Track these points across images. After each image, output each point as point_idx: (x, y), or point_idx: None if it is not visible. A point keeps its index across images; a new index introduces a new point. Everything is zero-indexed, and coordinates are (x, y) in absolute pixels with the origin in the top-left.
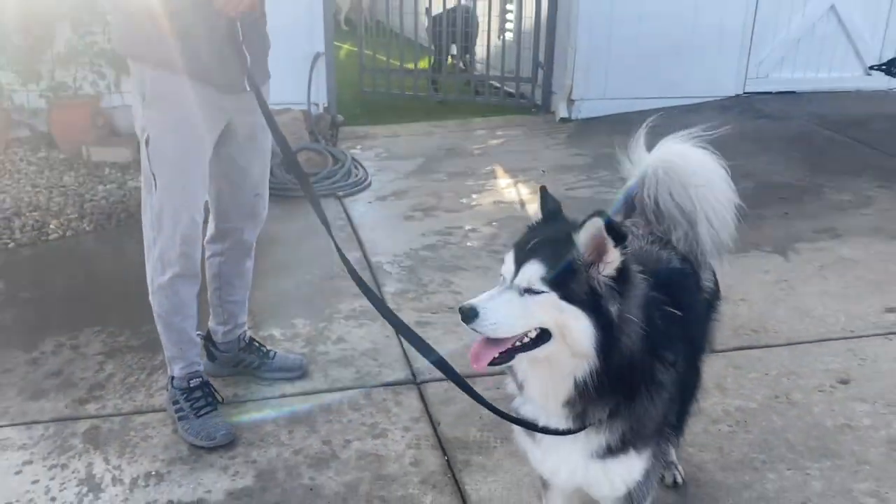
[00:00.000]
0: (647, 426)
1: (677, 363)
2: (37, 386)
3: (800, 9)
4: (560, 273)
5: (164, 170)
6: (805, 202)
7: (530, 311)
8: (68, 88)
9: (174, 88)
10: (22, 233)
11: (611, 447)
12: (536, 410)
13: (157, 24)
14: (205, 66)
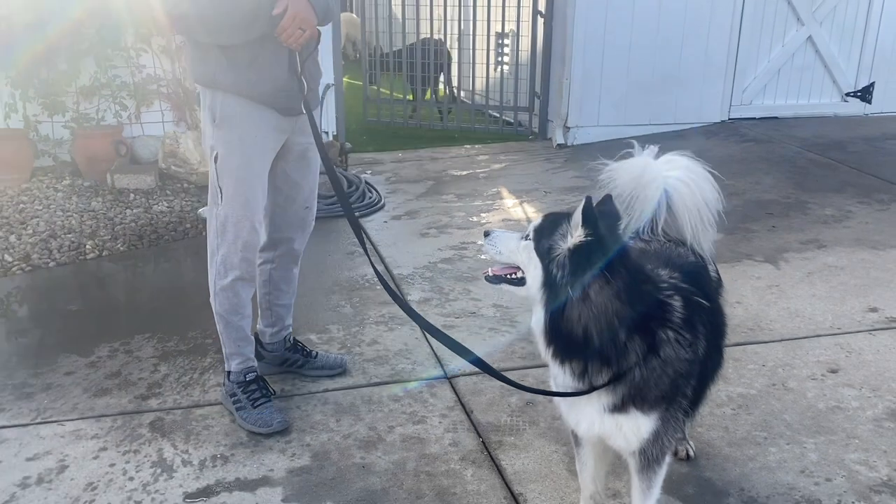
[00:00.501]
0: (649, 392)
1: (695, 342)
2: (99, 385)
3: (779, 40)
4: (540, 230)
5: (230, 183)
6: (791, 217)
7: (517, 250)
8: (91, 119)
9: (242, 111)
10: (60, 253)
11: (615, 405)
12: (557, 374)
13: (228, 55)
14: (269, 92)
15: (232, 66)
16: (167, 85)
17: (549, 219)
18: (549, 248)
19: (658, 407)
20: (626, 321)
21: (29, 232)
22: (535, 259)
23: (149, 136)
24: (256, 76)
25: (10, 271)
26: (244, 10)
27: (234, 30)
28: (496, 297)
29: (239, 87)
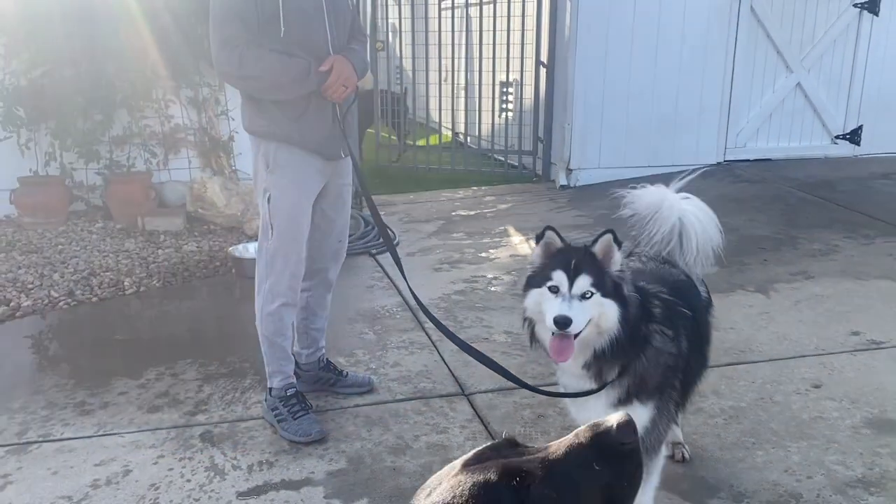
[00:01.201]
0: (648, 383)
1: (678, 339)
2: (151, 403)
3: (770, 86)
4: (598, 279)
5: (280, 221)
6: (782, 251)
7: (588, 309)
8: (123, 166)
9: (293, 158)
10: (101, 289)
11: (621, 399)
12: (569, 379)
13: (282, 109)
14: (316, 140)
15: (285, 119)
16: (194, 134)
17: (582, 269)
18: (607, 283)
19: (654, 397)
20: (636, 326)
21: (70, 270)
22: (608, 301)
23: (176, 181)
24: (306, 127)
25: (57, 306)
26: (298, 70)
27: (290, 87)
28: (507, 324)
29: (291, 137)
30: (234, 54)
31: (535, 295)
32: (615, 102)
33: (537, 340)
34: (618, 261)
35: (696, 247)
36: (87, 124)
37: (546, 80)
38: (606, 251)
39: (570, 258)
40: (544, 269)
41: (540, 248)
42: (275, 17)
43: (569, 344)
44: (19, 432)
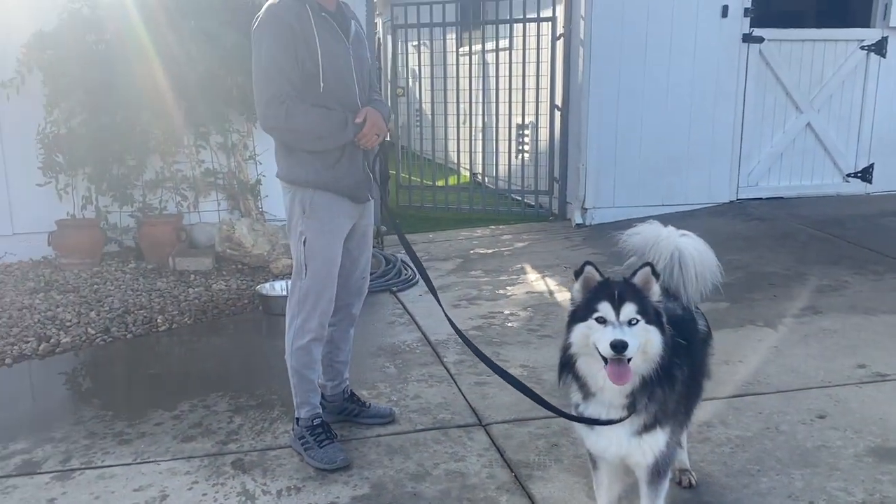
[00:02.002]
0: (668, 408)
1: (685, 368)
2: (185, 433)
3: (780, 126)
4: (642, 307)
5: (314, 262)
6: (791, 287)
7: (637, 335)
8: (155, 209)
9: (327, 204)
10: (135, 326)
11: (646, 425)
12: (598, 408)
13: (318, 158)
14: (349, 185)
15: (322, 167)
16: (223, 177)
17: (627, 298)
18: (650, 312)
19: (670, 422)
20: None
21: (106, 308)
22: (652, 328)
23: (205, 222)
24: (340, 174)
25: (94, 342)
26: (338, 122)
27: (330, 138)
28: (523, 358)
29: (326, 183)
30: (282, 109)
31: (581, 329)
32: (628, 143)
33: (575, 375)
34: (656, 292)
35: (694, 274)
36: (122, 169)
37: (561, 122)
38: (646, 282)
39: (612, 289)
40: (588, 303)
41: (580, 284)
42: (315, 74)
43: (626, 368)
44: (63, 460)
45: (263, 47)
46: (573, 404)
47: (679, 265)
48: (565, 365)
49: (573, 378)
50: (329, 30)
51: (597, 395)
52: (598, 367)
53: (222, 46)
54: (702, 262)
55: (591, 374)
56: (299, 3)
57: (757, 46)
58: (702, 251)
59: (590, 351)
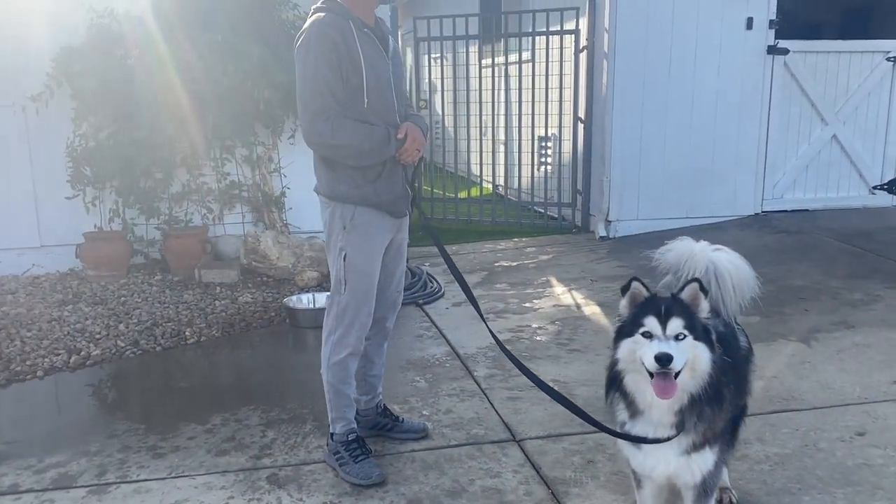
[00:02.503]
0: (717, 427)
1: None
2: (218, 447)
3: (805, 139)
4: (689, 322)
5: (354, 277)
6: (822, 301)
7: (683, 350)
8: (181, 221)
9: (368, 219)
10: (164, 339)
11: (695, 444)
12: (646, 427)
13: (361, 174)
14: (390, 201)
15: (364, 182)
16: (248, 190)
17: (674, 313)
18: (698, 327)
19: (719, 441)
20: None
21: (134, 321)
22: (700, 344)
23: (230, 235)
24: (381, 189)
25: (124, 355)
26: (381, 137)
27: (374, 153)
28: (553, 373)
29: (367, 199)
30: (328, 125)
31: (628, 344)
32: (652, 155)
33: (622, 393)
34: (705, 308)
35: (732, 288)
36: (149, 182)
37: (584, 134)
38: (693, 298)
39: (659, 304)
40: (635, 318)
41: (627, 300)
42: (359, 89)
43: (672, 382)
44: (98, 474)
45: (309, 63)
46: (619, 423)
47: (716, 279)
48: (612, 382)
49: (620, 395)
50: (371, 45)
51: (645, 412)
52: (646, 384)
53: (248, 60)
54: (739, 276)
55: (640, 391)
56: (343, 19)
57: (782, 58)
58: (738, 264)
59: (637, 367)
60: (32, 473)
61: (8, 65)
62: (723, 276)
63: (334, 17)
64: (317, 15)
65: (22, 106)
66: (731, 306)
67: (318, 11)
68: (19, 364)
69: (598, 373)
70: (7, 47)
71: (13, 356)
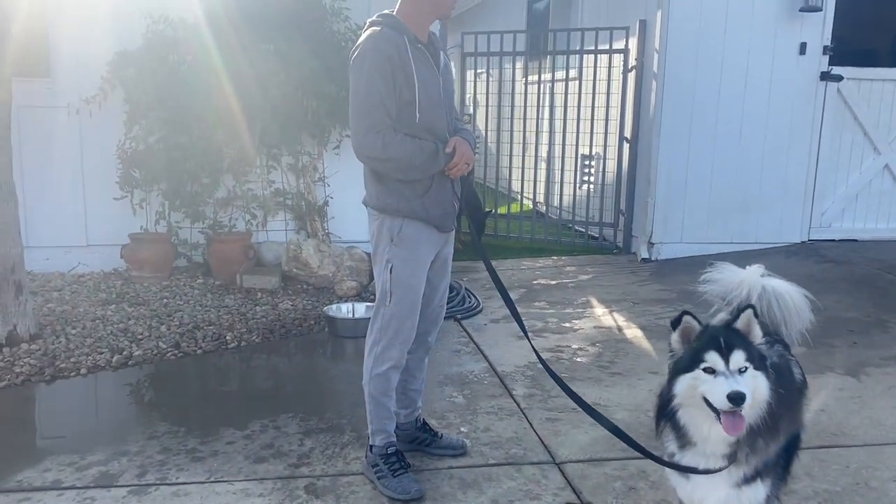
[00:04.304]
0: (769, 460)
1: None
2: (257, 454)
3: (856, 167)
4: (749, 353)
5: (400, 289)
6: (871, 334)
7: (748, 384)
8: (225, 226)
9: (415, 232)
10: (205, 342)
11: (747, 477)
12: (696, 457)
13: (410, 187)
14: (438, 215)
15: (413, 196)
16: (292, 198)
17: (734, 345)
18: (756, 357)
19: (771, 474)
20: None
21: (176, 323)
22: (760, 374)
23: (273, 241)
24: (429, 203)
25: (165, 357)
26: (431, 152)
27: (424, 167)
28: (595, 396)
29: (416, 212)
30: (379, 139)
31: (687, 380)
32: (699, 179)
33: (674, 425)
34: (758, 334)
35: (795, 311)
36: (195, 187)
37: (629, 154)
38: (748, 326)
39: (718, 337)
40: (694, 353)
41: (678, 334)
42: (411, 104)
43: (742, 418)
44: (139, 474)
45: (364, 77)
46: (668, 453)
47: (777, 304)
48: (665, 414)
49: (671, 427)
50: (424, 61)
51: (698, 444)
52: (703, 417)
53: (299, 70)
54: (799, 301)
55: (695, 424)
56: (398, 34)
57: (835, 85)
58: (789, 288)
59: (696, 402)
60: (75, 470)
61: (65, 67)
62: (785, 302)
63: (390, 31)
64: (372, 29)
65: (76, 108)
66: (794, 333)
67: (374, 25)
68: (64, 361)
69: (640, 397)
70: (65, 49)
71: (58, 353)
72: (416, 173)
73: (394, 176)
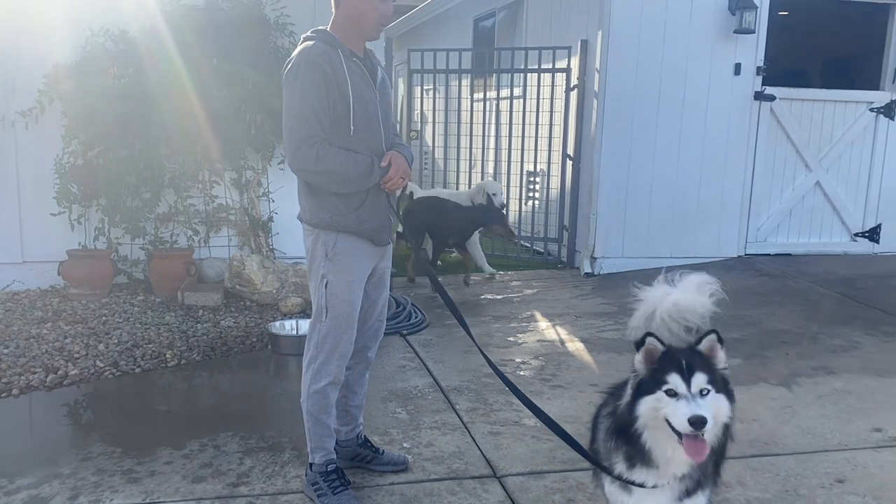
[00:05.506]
0: (708, 471)
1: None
2: (195, 473)
3: (790, 184)
4: (711, 376)
5: (336, 304)
6: (803, 346)
7: (709, 407)
8: (166, 242)
9: (350, 247)
10: (144, 361)
11: (688, 490)
12: (645, 475)
13: (343, 201)
14: (373, 229)
15: (347, 210)
16: (235, 213)
17: (695, 367)
18: (719, 380)
19: (709, 483)
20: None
21: (114, 341)
22: (721, 397)
23: (216, 258)
24: (364, 217)
25: (103, 375)
26: (365, 165)
27: (358, 181)
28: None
29: (350, 226)
30: (313, 151)
31: (649, 402)
32: (639, 195)
33: (636, 446)
34: (722, 358)
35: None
36: (136, 202)
37: (572, 171)
38: (711, 349)
39: (679, 359)
40: (655, 374)
41: (642, 355)
42: (345, 117)
43: (704, 443)
44: (71, 497)
45: (297, 90)
46: (616, 473)
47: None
48: (621, 435)
49: (623, 446)
50: (360, 75)
51: (661, 467)
52: (667, 440)
53: (242, 85)
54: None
55: (659, 447)
56: (332, 49)
57: (768, 104)
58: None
59: (659, 424)
60: (3, 495)
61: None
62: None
63: (323, 45)
64: (306, 43)
65: (12, 121)
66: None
67: (308, 40)
68: None
69: (581, 409)
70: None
71: None
72: (350, 187)
73: (328, 189)
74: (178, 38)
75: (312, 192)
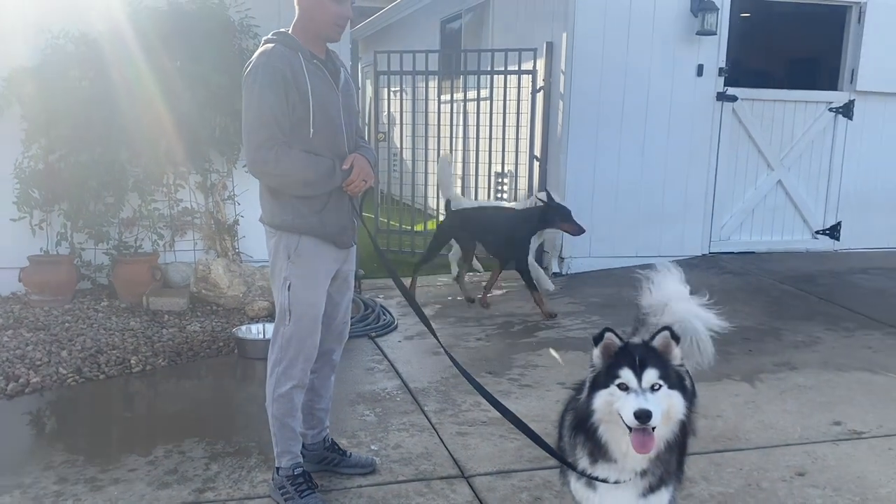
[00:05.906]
0: (672, 467)
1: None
2: (160, 480)
3: (752, 183)
4: (663, 371)
5: (299, 307)
6: (766, 342)
7: (660, 401)
8: (130, 247)
9: (312, 249)
10: (108, 367)
11: (652, 487)
12: (608, 471)
13: (305, 204)
14: (335, 231)
15: (309, 212)
16: (200, 217)
17: (648, 363)
18: (672, 376)
19: (672, 479)
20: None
21: (78, 348)
22: (675, 393)
23: (181, 262)
24: (326, 219)
25: (66, 382)
26: (326, 168)
27: (319, 184)
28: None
29: (313, 229)
30: (272, 154)
31: (603, 396)
32: (605, 195)
33: (595, 441)
34: (677, 355)
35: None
36: (99, 207)
37: (539, 172)
38: (665, 346)
39: (633, 354)
40: (609, 369)
41: (599, 350)
42: (305, 120)
43: (651, 436)
44: None
45: (255, 92)
46: (580, 469)
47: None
48: (582, 429)
49: (585, 442)
50: (320, 77)
51: (618, 461)
52: (622, 434)
53: (206, 87)
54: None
55: (615, 441)
56: (291, 51)
57: (730, 105)
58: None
59: (613, 418)
60: None
61: None
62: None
63: (283, 48)
64: (265, 46)
65: None
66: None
67: (268, 42)
68: None
69: (548, 408)
70: None
71: None
72: (311, 189)
73: (289, 191)
74: (140, 40)
75: (274, 194)
